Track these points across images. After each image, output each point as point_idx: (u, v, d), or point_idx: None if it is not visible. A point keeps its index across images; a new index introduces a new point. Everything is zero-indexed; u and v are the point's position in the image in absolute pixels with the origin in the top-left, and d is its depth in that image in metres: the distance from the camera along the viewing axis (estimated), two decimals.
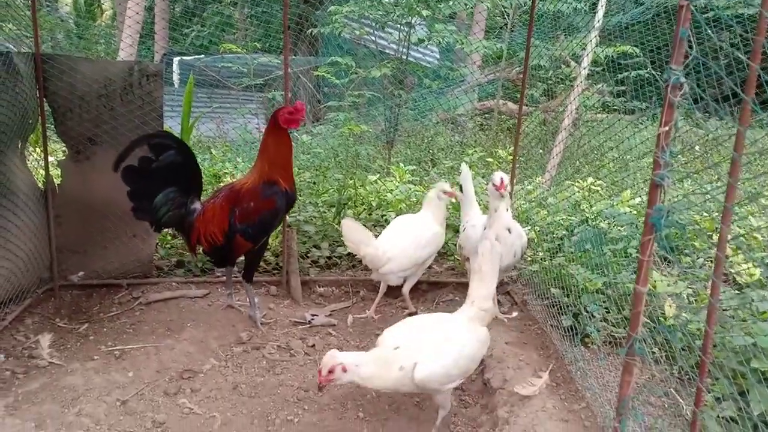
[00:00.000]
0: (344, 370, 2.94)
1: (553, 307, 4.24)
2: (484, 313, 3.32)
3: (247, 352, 4.12)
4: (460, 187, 4.80)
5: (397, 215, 6.04)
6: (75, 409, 3.38)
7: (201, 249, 4.31)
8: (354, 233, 4.39)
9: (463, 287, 5.00)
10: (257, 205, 4.12)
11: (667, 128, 1.61)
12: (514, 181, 5.35)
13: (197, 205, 4.23)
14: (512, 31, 10.82)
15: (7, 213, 4.10)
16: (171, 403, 3.57)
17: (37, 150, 5.29)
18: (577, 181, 6.87)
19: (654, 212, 1.63)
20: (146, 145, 4.01)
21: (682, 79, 1.58)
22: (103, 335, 4.20)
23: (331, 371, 2.93)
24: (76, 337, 4.19)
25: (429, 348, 3.06)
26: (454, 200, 4.80)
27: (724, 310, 3.94)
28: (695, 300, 4.20)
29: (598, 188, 6.63)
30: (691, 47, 1.59)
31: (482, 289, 3.34)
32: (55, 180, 4.68)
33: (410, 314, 4.73)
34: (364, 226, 5.58)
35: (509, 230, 4.21)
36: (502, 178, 4.09)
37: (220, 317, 4.45)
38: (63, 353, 3.97)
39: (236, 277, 4.74)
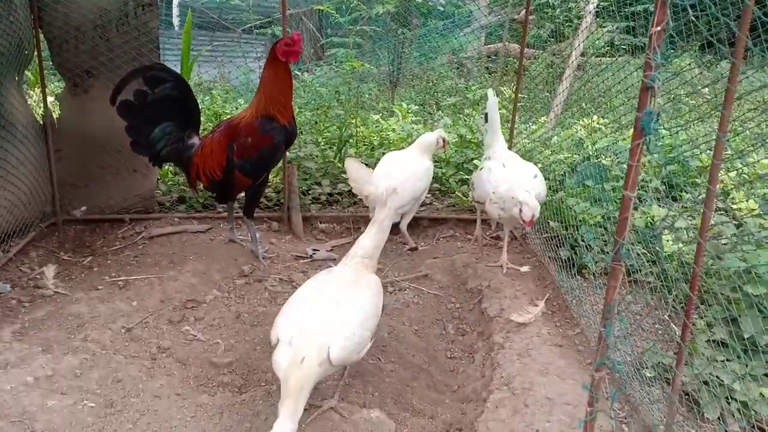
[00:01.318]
0: None
1: (552, 239, 4.27)
2: (368, 260, 3.15)
3: (249, 284, 4.18)
4: (485, 116, 4.61)
5: None
6: (81, 335, 3.46)
7: (201, 185, 4.32)
8: (358, 172, 4.33)
9: (463, 223, 5.05)
10: (255, 140, 4.09)
11: (659, 28, 1.58)
12: (516, 121, 5.30)
13: (195, 140, 4.21)
14: None
15: (6, 145, 4.11)
16: (175, 331, 3.65)
17: (36, 90, 5.26)
18: (582, 120, 6.81)
19: (644, 115, 1.61)
20: (142, 78, 3.97)
21: None
22: (107, 267, 4.26)
23: None
24: (81, 268, 4.25)
25: (329, 324, 2.67)
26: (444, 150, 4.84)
27: (723, 243, 3.95)
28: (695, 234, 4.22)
29: (602, 126, 6.56)
30: None
31: (372, 240, 3.18)
32: (54, 114, 4.66)
33: (411, 249, 4.77)
34: (366, 164, 5.58)
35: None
36: (533, 215, 3.72)
37: (223, 251, 4.50)
38: (68, 284, 4.04)
39: (237, 213, 4.77)
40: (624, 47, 9.22)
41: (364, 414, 2.97)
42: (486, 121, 4.57)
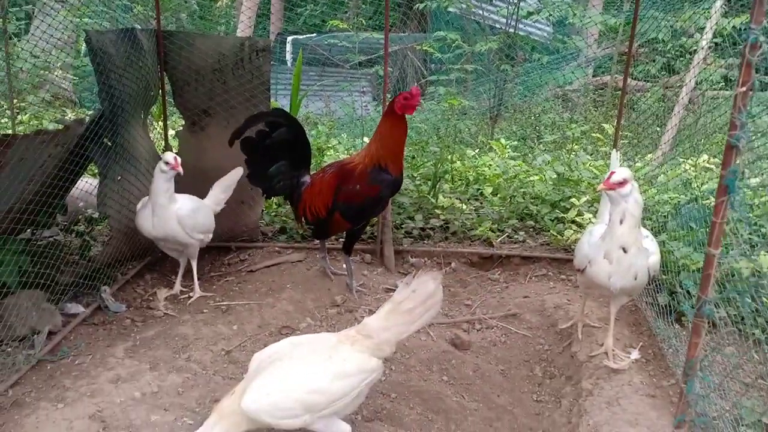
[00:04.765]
0: None
1: (650, 284, 4.10)
2: (363, 339, 2.76)
3: (340, 314, 4.32)
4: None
5: (494, 189, 6.04)
6: (185, 355, 3.72)
7: (305, 220, 4.53)
8: None
9: (557, 263, 4.98)
10: (363, 188, 4.24)
11: (744, 89, 1.56)
12: (619, 157, 5.14)
13: (306, 178, 4.45)
14: (631, 2, 10.28)
15: (130, 177, 4.53)
16: None
17: (160, 123, 5.76)
18: (691, 159, 6.51)
19: (728, 174, 1.59)
20: (262, 122, 4.27)
21: (761, 38, 1.53)
22: (212, 292, 4.55)
23: None
24: (189, 292, 4.56)
25: (266, 375, 2.64)
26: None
27: None
28: None
29: (713, 167, 6.24)
30: None
31: (380, 321, 2.79)
32: (173, 149, 5.09)
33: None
34: (459, 200, 5.63)
35: (624, 250, 3.25)
36: (613, 172, 3.18)
37: (318, 281, 4.67)
38: (176, 306, 4.36)
39: (333, 244, 4.95)
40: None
41: None
42: None
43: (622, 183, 3.15)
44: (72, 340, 3.80)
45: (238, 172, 4.53)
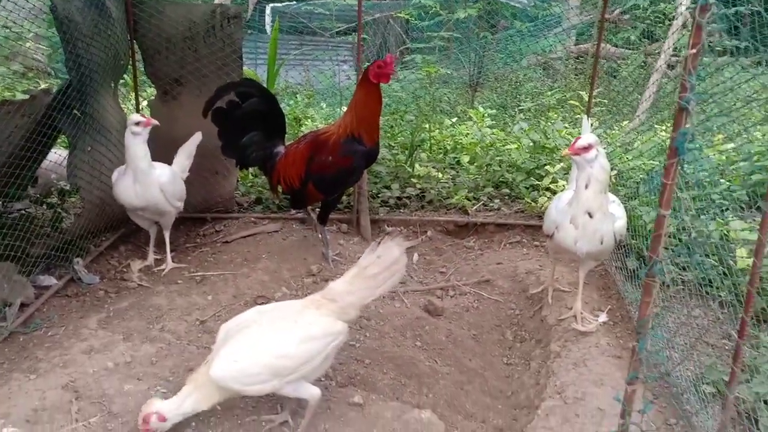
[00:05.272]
0: (162, 419, 2.59)
1: (619, 249, 4.16)
2: (329, 303, 2.82)
3: (316, 284, 4.34)
4: None
5: (471, 158, 6.05)
6: (159, 325, 3.73)
7: (281, 189, 4.52)
8: None
9: (531, 229, 5.02)
10: (335, 159, 4.19)
11: (694, 50, 1.58)
12: (591, 123, 5.16)
13: (280, 149, 4.42)
14: None
15: (101, 148, 4.48)
16: None
17: (131, 96, 5.68)
18: (668, 125, 6.55)
19: (678, 136, 1.61)
20: (233, 93, 4.22)
21: (711, 0, 1.55)
22: (186, 263, 4.55)
23: (145, 421, 2.58)
24: (163, 263, 4.56)
25: (233, 343, 2.68)
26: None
27: None
28: None
29: None
30: None
31: (345, 285, 2.83)
32: None
33: None
34: (435, 169, 5.63)
35: (590, 215, 3.31)
36: (579, 138, 3.25)
37: (294, 251, 4.69)
38: (150, 277, 4.35)
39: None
40: (719, 49, 8.73)
41: (416, 414, 3.05)
42: None
43: (587, 148, 3.18)
44: (45, 312, 3.80)
45: (198, 137, 4.51)
